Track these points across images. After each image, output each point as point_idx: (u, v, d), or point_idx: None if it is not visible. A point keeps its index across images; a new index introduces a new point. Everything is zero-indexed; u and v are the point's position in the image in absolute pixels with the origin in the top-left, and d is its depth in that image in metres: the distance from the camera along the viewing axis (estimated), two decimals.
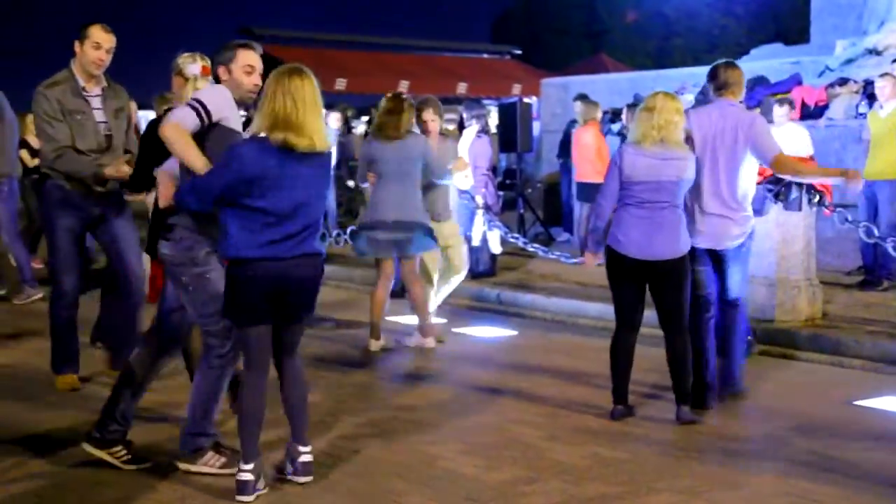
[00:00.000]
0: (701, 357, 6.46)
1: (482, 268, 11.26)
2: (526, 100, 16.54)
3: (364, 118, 22.15)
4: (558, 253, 10.45)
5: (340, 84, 24.43)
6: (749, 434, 6.12)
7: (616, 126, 14.15)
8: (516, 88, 25.83)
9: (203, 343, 5.33)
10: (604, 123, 13.82)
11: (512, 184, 15.21)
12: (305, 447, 5.20)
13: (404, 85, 24.56)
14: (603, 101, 14.04)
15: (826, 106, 12.59)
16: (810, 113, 12.54)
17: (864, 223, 9.28)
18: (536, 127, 17.26)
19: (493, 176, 12.24)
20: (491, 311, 10.18)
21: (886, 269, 10.25)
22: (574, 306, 9.90)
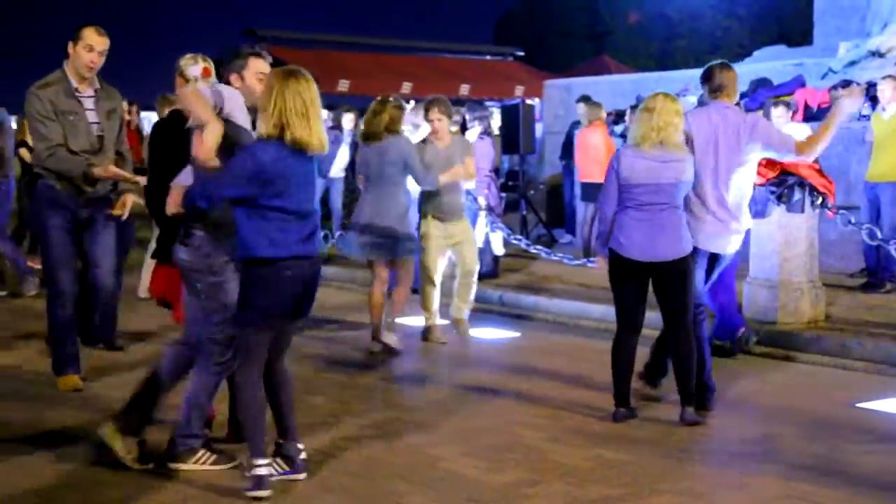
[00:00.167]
0: (699, 358, 6.45)
1: (484, 269, 11.23)
2: (528, 101, 16.55)
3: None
4: (561, 254, 10.47)
5: (343, 85, 24.41)
6: (751, 436, 6.11)
7: (619, 128, 14.15)
8: (519, 90, 25.79)
9: (203, 349, 5.37)
10: (607, 125, 13.80)
11: (514, 185, 15.21)
12: (301, 444, 5.27)
13: (407, 86, 24.54)
14: (606, 103, 14.01)
15: (829, 108, 12.56)
16: (813, 115, 12.52)
17: (867, 225, 9.29)
18: (539, 128, 17.25)
19: (496, 177, 12.24)
20: (493, 313, 10.18)
21: (889, 272, 10.25)
22: (577, 308, 9.89)
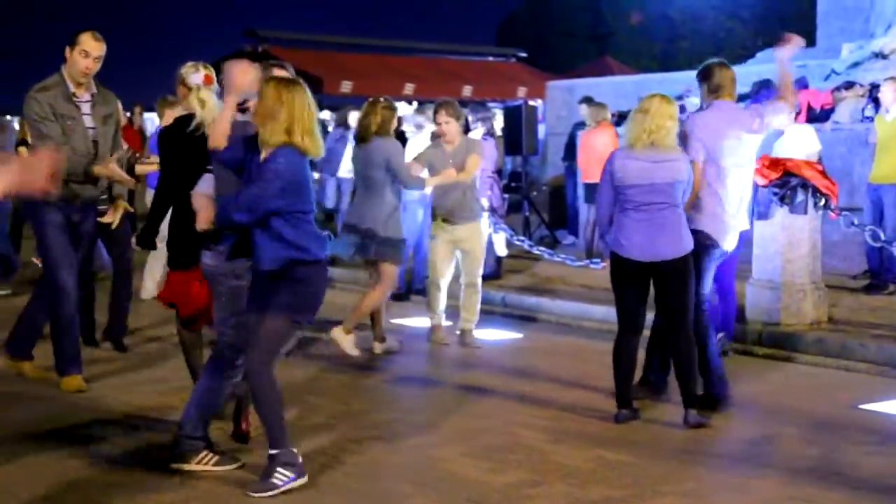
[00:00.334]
0: (704, 355, 6.46)
1: (487, 270, 11.24)
2: (531, 102, 16.52)
3: None
4: (563, 256, 10.46)
5: (346, 87, 24.39)
6: (754, 437, 6.11)
7: (622, 129, 14.12)
8: (521, 91, 25.76)
9: (215, 352, 5.42)
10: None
11: (517, 186, 15.18)
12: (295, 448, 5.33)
13: (410, 88, 24.53)
14: (608, 104, 14.00)
15: (832, 109, 12.56)
16: (816, 116, 12.50)
17: (870, 227, 9.28)
18: (542, 130, 17.22)
19: (499, 179, 12.23)
20: (496, 314, 10.17)
21: (892, 273, 10.23)
22: (579, 309, 9.89)
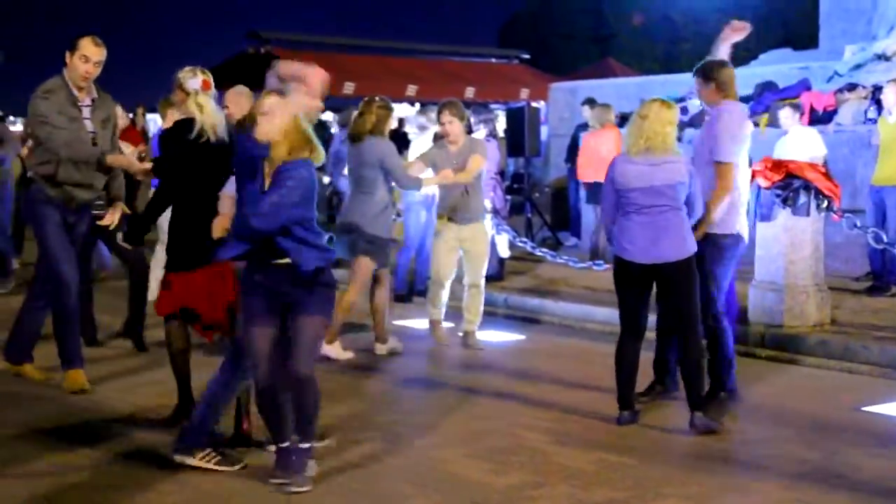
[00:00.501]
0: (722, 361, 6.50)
1: (490, 272, 11.24)
2: (534, 104, 16.52)
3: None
4: (566, 257, 10.45)
5: (349, 88, 24.37)
6: (757, 439, 6.10)
7: (624, 131, 14.11)
8: (524, 93, 25.75)
9: (231, 351, 5.48)
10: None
11: (520, 188, 15.19)
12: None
13: (412, 89, 24.53)
14: (610, 106, 13.99)
15: (835, 111, 12.56)
16: (819, 118, 12.49)
17: (873, 229, 9.28)
18: (544, 131, 17.22)
19: (501, 180, 12.23)
20: (498, 316, 10.16)
21: (895, 275, 10.23)
22: (582, 311, 9.89)
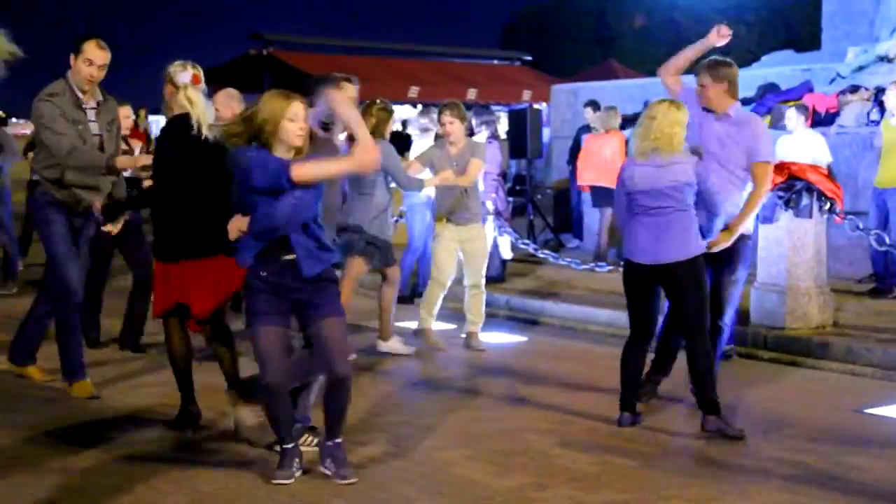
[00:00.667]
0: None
1: (492, 273, 11.25)
2: (536, 106, 16.54)
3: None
4: (568, 259, 10.45)
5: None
6: (759, 442, 6.10)
7: (628, 132, 14.12)
8: (526, 94, 25.73)
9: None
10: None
11: (522, 190, 15.21)
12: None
13: (415, 91, 24.52)
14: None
15: (837, 113, 12.55)
16: (821, 120, 12.48)
17: (875, 231, 9.27)
18: (546, 133, 17.23)
19: (503, 182, 12.23)
20: (500, 318, 10.17)
21: None
22: (584, 313, 9.89)
